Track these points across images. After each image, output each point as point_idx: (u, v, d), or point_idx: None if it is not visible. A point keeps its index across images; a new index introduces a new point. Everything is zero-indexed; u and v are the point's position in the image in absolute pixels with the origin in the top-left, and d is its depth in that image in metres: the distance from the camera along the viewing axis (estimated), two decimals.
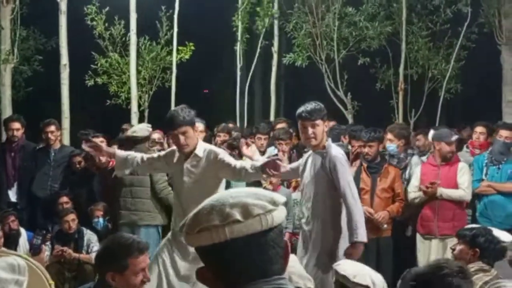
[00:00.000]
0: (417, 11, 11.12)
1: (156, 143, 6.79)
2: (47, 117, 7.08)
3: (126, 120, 9.46)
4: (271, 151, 6.67)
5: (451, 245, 4.32)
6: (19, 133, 6.99)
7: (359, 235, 4.12)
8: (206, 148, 4.30)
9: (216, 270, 1.39)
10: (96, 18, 10.06)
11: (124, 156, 4.53)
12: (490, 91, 11.63)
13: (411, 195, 5.85)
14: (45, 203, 6.68)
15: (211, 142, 6.90)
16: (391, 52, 11.18)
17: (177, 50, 10.48)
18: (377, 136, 5.74)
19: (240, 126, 10.19)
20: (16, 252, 4.54)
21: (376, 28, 10.71)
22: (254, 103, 14.75)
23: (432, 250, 5.70)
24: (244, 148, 4.68)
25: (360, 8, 10.83)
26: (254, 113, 11.91)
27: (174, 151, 4.42)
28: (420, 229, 5.86)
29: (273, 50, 11.33)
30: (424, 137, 7.27)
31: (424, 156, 6.44)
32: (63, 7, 9.57)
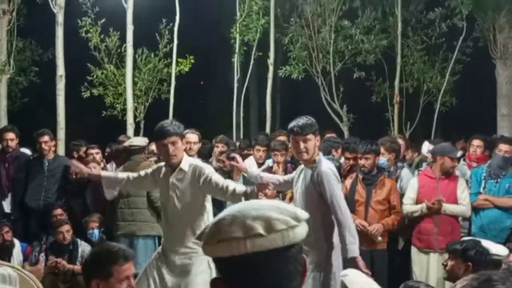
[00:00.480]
0: (412, 25, 11.20)
1: (153, 154, 6.78)
2: (42, 128, 7.06)
3: (122, 131, 9.45)
4: (269, 163, 6.67)
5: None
6: (13, 143, 6.96)
7: (350, 251, 4.12)
8: (191, 163, 4.29)
9: (231, 283, 1.35)
10: (91, 30, 10.09)
11: (110, 178, 4.53)
12: (485, 104, 11.69)
13: (408, 208, 5.81)
14: (38, 214, 6.64)
15: (208, 153, 6.90)
16: (387, 65, 11.24)
17: (176, 62, 10.52)
18: (373, 149, 5.74)
19: (236, 138, 10.20)
20: (9, 263, 4.51)
21: (372, 41, 10.78)
22: (250, 115, 14.77)
23: (430, 264, 5.68)
24: (236, 167, 4.64)
25: (356, 21, 10.91)
26: (250, 125, 11.91)
27: (160, 167, 4.42)
28: (417, 242, 5.81)
29: (269, 62, 11.37)
30: (412, 151, 7.32)
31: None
32: (60, 18, 9.59)
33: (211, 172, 4.24)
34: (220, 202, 5.77)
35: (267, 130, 10.94)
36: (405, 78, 11.13)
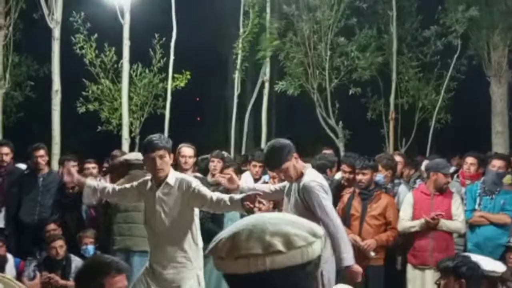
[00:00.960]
0: (407, 42, 11.28)
1: None
2: (37, 142, 7.03)
3: (117, 146, 9.43)
4: (265, 179, 6.66)
5: None
6: (8, 158, 6.92)
7: (345, 260, 4.07)
8: (178, 178, 4.27)
9: None
10: (85, 46, 10.11)
11: (94, 186, 4.51)
12: (480, 121, 11.74)
13: (405, 224, 5.77)
14: (33, 229, 6.58)
15: (205, 167, 6.88)
16: (382, 82, 11.30)
17: (172, 77, 10.54)
18: (371, 165, 5.72)
19: (235, 153, 10.19)
20: (4, 274, 4.46)
21: (367, 58, 10.84)
22: (246, 131, 14.77)
23: (426, 281, 5.64)
24: (225, 181, 4.62)
25: (352, 38, 10.97)
26: (246, 140, 11.92)
27: (146, 181, 4.39)
28: (411, 259, 5.78)
29: (264, 78, 11.41)
30: (409, 167, 7.31)
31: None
32: (56, 33, 9.61)
33: (198, 185, 4.23)
34: (218, 219, 5.76)
35: (263, 145, 10.95)
36: (400, 95, 11.18)
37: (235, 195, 4.10)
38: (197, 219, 4.32)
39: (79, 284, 2.92)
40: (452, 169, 5.95)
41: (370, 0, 11.14)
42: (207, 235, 3.95)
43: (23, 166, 7.44)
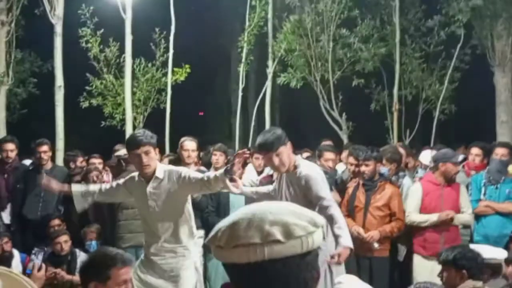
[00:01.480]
0: (410, 33, 11.22)
1: None
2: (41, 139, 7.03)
3: (121, 141, 9.41)
4: (268, 171, 6.64)
5: None
6: (13, 154, 6.94)
7: (342, 242, 4.01)
8: (166, 170, 4.28)
9: None
10: (90, 41, 10.11)
11: (81, 191, 4.52)
12: (484, 111, 11.69)
13: (414, 217, 5.67)
14: (36, 225, 6.59)
15: (209, 161, 6.88)
16: (385, 73, 11.26)
17: (172, 71, 10.52)
18: (374, 155, 5.68)
19: (239, 146, 10.18)
20: (8, 268, 4.47)
21: (370, 49, 10.80)
22: (249, 124, 14.77)
23: (435, 272, 5.61)
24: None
25: (355, 30, 10.93)
26: (249, 133, 11.90)
27: (133, 177, 4.38)
28: (421, 250, 5.70)
29: (267, 71, 11.38)
30: (414, 158, 7.27)
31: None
32: (58, 29, 9.61)
33: (188, 171, 4.26)
34: (224, 212, 5.73)
35: None
36: (404, 86, 11.14)
37: (227, 166, 4.10)
38: (190, 208, 4.34)
39: (85, 277, 2.95)
40: (461, 157, 5.89)
41: None
42: (212, 229, 3.94)
43: (28, 162, 7.46)
